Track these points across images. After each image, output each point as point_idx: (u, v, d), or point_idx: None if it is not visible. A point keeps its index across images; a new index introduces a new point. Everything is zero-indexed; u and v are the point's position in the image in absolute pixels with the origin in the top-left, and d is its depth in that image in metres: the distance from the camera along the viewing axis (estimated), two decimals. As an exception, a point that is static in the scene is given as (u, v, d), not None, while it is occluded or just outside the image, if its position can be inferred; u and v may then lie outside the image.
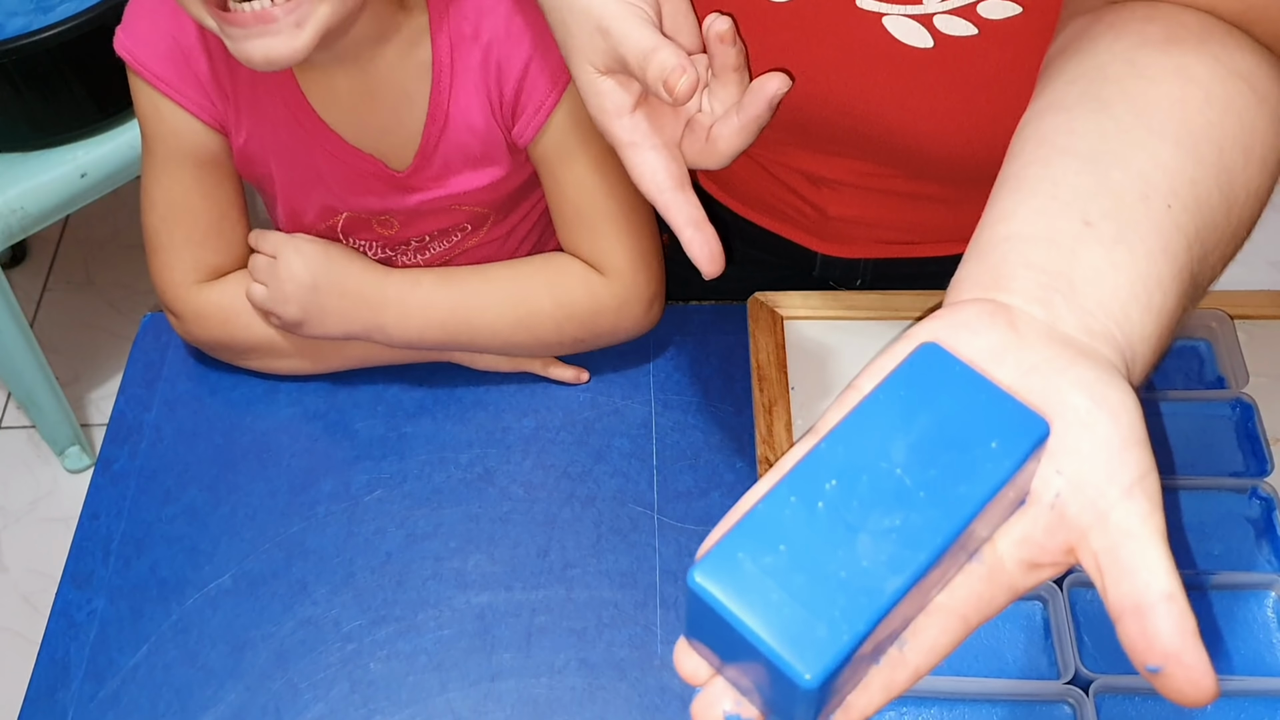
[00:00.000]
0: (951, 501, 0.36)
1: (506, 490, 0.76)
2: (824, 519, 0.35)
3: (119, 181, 1.42)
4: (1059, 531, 0.37)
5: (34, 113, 1.35)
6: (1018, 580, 0.38)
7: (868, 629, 0.34)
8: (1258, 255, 1.86)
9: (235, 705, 0.68)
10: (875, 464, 0.36)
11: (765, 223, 0.87)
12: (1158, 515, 0.37)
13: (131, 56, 0.75)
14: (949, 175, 0.74)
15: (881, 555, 0.35)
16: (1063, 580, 0.66)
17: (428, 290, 0.77)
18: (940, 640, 0.37)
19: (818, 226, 0.85)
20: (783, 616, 0.34)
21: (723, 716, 0.37)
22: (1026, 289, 0.41)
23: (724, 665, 0.37)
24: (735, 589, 0.34)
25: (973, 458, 0.36)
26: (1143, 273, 0.42)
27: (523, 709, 0.67)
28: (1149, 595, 0.35)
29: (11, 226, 1.36)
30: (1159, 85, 0.47)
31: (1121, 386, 0.38)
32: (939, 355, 0.38)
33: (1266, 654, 0.65)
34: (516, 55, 0.74)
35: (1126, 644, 0.36)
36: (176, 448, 0.79)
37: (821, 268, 0.88)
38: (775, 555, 0.35)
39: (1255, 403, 0.73)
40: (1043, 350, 0.39)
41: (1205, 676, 0.35)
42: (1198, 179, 0.45)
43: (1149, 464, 0.37)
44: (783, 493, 0.36)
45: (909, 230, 0.83)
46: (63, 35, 1.29)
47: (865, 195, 0.80)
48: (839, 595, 0.34)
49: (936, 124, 0.69)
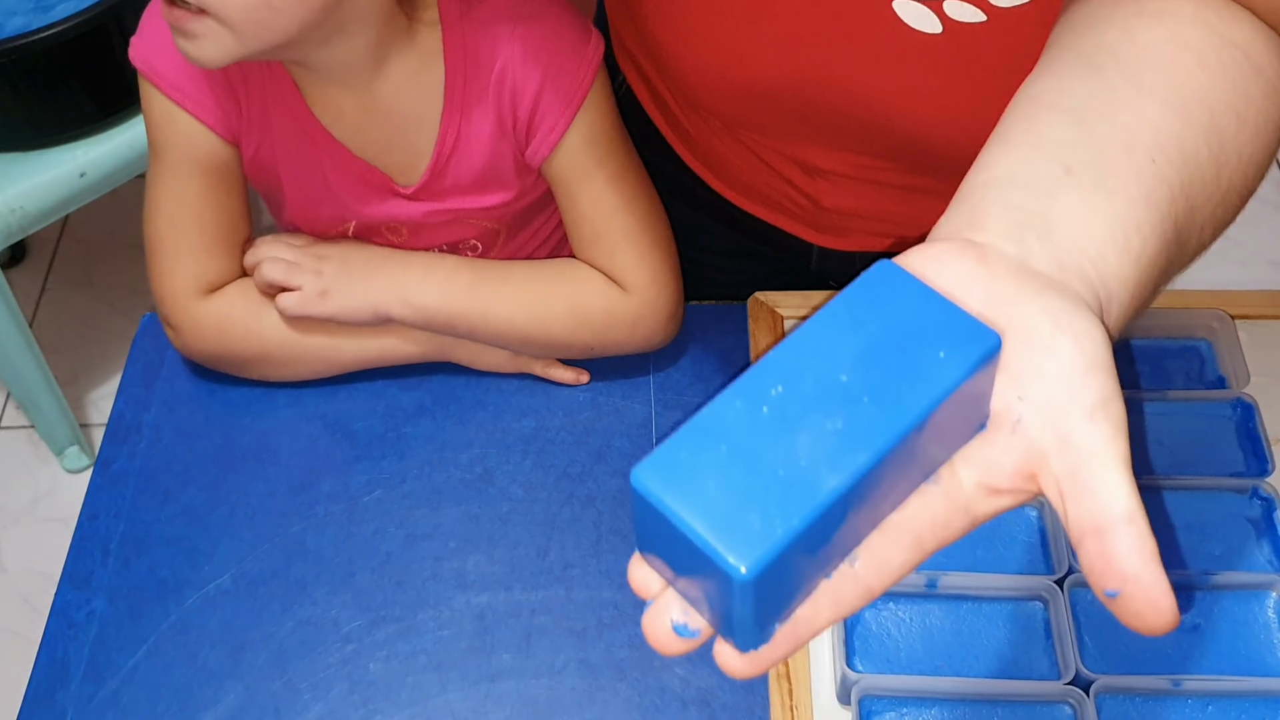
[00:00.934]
0: (896, 406, 0.35)
1: (506, 490, 0.76)
2: (767, 421, 0.35)
3: (118, 181, 1.42)
4: (1019, 454, 0.37)
5: (33, 112, 1.35)
6: (976, 505, 0.38)
7: (804, 525, 0.34)
8: (1258, 255, 1.86)
9: (235, 705, 0.68)
10: (821, 370, 0.36)
11: (761, 213, 0.87)
12: (1121, 439, 0.36)
13: (146, 65, 0.75)
14: (947, 166, 0.74)
15: (822, 455, 0.35)
16: (1063, 580, 0.66)
17: (451, 268, 0.77)
18: (894, 559, 0.37)
19: (813, 217, 0.85)
20: (720, 511, 0.34)
21: (669, 625, 0.37)
22: (1000, 227, 0.41)
23: (675, 578, 0.37)
24: (675, 486, 0.34)
25: (920, 365, 0.36)
26: (1121, 217, 0.42)
27: (523, 709, 0.67)
28: (1108, 515, 0.35)
29: (11, 226, 1.36)
30: (1152, 50, 0.47)
31: (1086, 315, 0.38)
32: (893, 271, 0.38)
33: (1266, 654, 0.65)
34: (531, 76, 0.74)
35: (1086, 567, 0.36)
36: (176, 448, 0.79)
37: (818, 261, 0.88)
38: (716, 454, 0.35)
39: (1256, 403, 0.73)
40: (1010, 282, 0.39)
41: (1163, 597, 0.35)
42: (1185, 136, 0.45)
43: (1113, 389, 0.37)
44: (729, 397, 0.36)
45: (905, 223, 0.83)
46: (62, 35, 1.29)
47: (860, 187, 0.80)
48: (777, 491, 0.34)
49: (940, 111, 0.69)
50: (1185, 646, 0.66)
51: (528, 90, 0.75)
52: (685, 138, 0.87)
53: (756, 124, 0.78)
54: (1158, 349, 0.78)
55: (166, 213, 0.77)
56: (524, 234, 0.86)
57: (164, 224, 0.77)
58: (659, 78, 0.84)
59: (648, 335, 0.79)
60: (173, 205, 0.77)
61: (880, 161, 0.76)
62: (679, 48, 0.74)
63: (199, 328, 0.78)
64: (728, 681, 0.68)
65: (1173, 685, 0.63)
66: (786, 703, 0.65)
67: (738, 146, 0.82)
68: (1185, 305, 0.78)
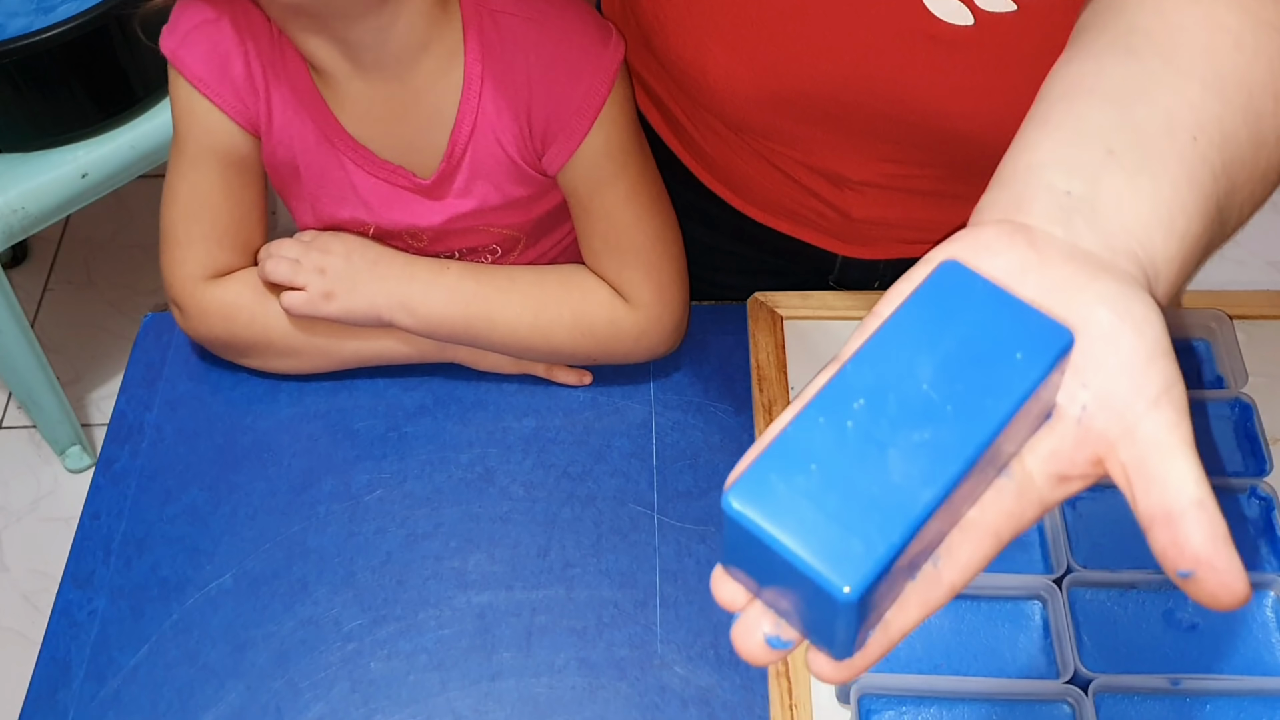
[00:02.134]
0: (978, 414, 0.36)
1: (506, 490, 0.76)
2: (853, 437, 0.36)
3: (120, 182, 1.42)
4: (1087, 444, 0.37)
5: (35, 113, 1.35)
6: (1047, 494, 0.38)
7: (902, 542, 0.34)
8: (1257, 255, 1.86)
9: (236, 705, 0.68)
10: (901, 381, 0.36)
11: (784, 227, 0.86)
12: (1185, 424, 0.37)
13: (174, 56, 0.76)
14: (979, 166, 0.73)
15: (912, 470, 0.35)
16: (1062, 580, 0.66)
17: (455, 276, 0.77)
18: (974, 556, 0.38)
19: (840, 229, 0.84)
20: (818, 534, 0.34)
21: (763, 639, 0.37)
22: (1047, 210, 0.41)
23: (761, 589, 0.37)
24: (770, 510, 0.35)
25: (998, 370, 0.36)
26: (1166, 198, 0.42)
27: (523, 709, 0.67)
28: (1179, 502, 0.36)
29: (12, 226, 1.36)
30: (1187, 32, 0.47)
31: (1144, 299, 0.38)
32: (960, 272, 0.39)
33: (1266, 654, 0.65)
34: (548, 79, 0.74)
35: (1157, 551, 0.36)
36: (177, 447, 0.79)
37: (840, 270, 0.88)
38: (807, 475, 0.35)
39: (1254, 402, 0.73)
40: (1063, 267, 0.39)
41: (1237, 579, 0.35)
42: (1224, 117, 0.45)
43: (1175, 375, 0.38)
44: (811, 414, 0.36)
45: (932, 230, 0.82)
46: (63, 36, 1.29)
47: (890, 196, 0.79)
48: (872, 510, 0.34)
49: (973, 105, 0.69)
50: (1184, 646, 0.66)
51: (545, 94, 0.74)
52: (702, 156, 0.86)
53: (786, 134, 0.77)
54: (1157, 349, 0.78)
55: (182, 201, 0.78)
56: (545, 242, 0.86)
57: (179, 212, 0.78)
58: (674, 98, 0.83)
59: (651, 348, 0.79)
60: (189, 194, 0.78)
61: (912, 168, 0.76)
62: (706, 63, 0.73)
63: (205, 313, 0.78)
64: (727, 680, 0.68)
65: (1171, 684, 0.63)
66: (786, 701, 0.65)
67: (760, 162, 0.81)
68: (1184, 305, 0.78)
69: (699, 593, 0.71)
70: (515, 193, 0.79)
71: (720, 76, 0.73)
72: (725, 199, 0.87)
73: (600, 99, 0.74)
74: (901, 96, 0.69)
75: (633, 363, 0.81)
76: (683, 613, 0.71)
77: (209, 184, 0.78)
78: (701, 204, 0.87)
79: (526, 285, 0.78)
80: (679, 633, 0.70)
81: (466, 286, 0.77)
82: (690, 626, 0.70)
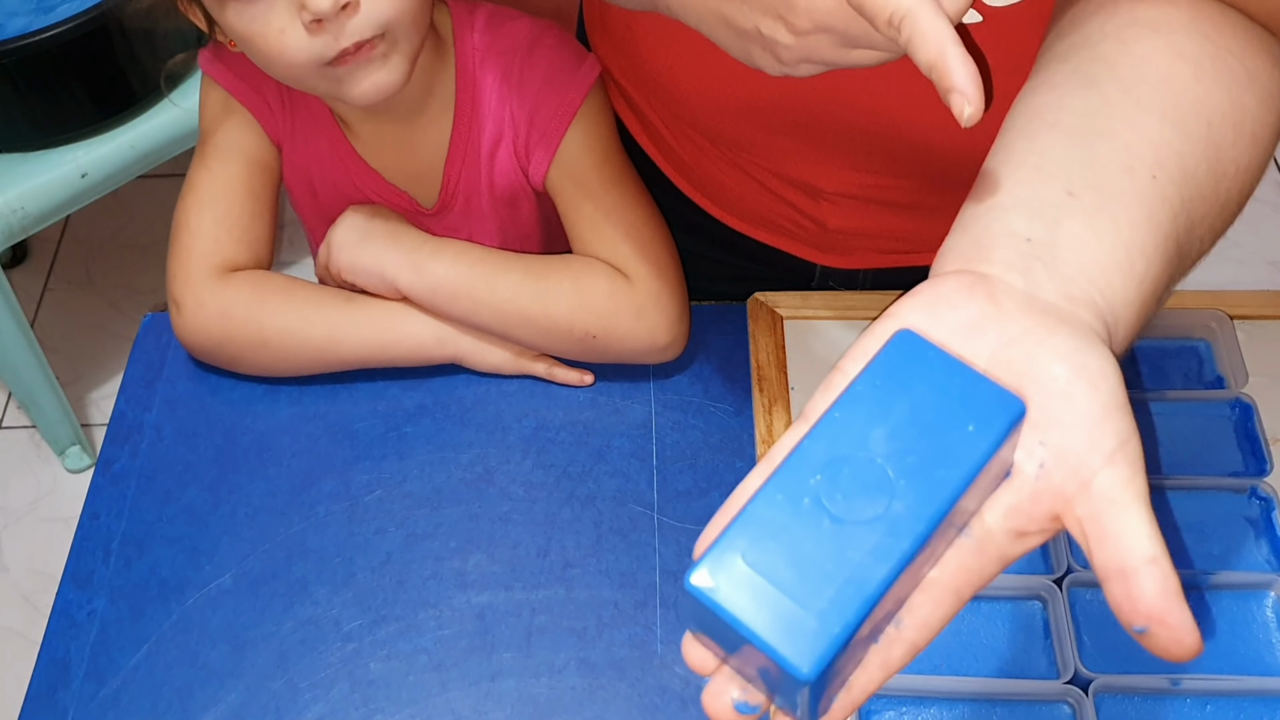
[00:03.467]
0: (932, 487, 0.37)
1: (506, 490, 0.76)
2: (810, 514, 0.37)
3: (119, 181, 1.42)
4: (1044, 500, 0.38)
5: (35, 113, 1.35)
6: (1006, 549, 0.39)
7: (858, 620, 0.35)
8: (1257, 255, 1.86)
9: (236, 705, 0.68)
10: (856, 455, 0.37)
11: (762, 236, 0.87)
12: (1139, 479, 0.37)
13: (211, 68, 0.80)
14: (950, 177, 0.74)
15: (867, 545, 0.36)
16: (1062, 580, 0.66)
17: (461, 244, 0.79)
18: (934, 615, 0.39)
19: (817, 239, 0.84)
20: (776, 613, 0.35)
21: (731, 704, 0.39)
22: (1007, 258, 0.41)
23: (729, 656, 0.38)
24: (730, 590, 0.36)
25: (951, 442, 0.37)
26: (1125, 240, 0.42)
27: (523, 709, 0.67)
28: (1132, 559, 0.36)
29: (12, 226, 1.36)
30: (1148, 62, 0.47)
31: (1101, 353, 0.39)
32: (914, 342, 0.39)
33: (1266, 654, 0.65)
34: (528, 101, 0.79)
35: (1113, 605, 0.37)
36: (177, 448, 0.79)
37: (820, 279, 0.88)
38: (766, 554, 0.36)
39: (1254, 403, 0.73)
40: (1022, 320, 0.39)
41: (1189, 635, 0.36)
42: (1184, 151, 0.45)
43: (1129, 430, 0.38)
44: (770, 492, 0.37)
45: (910, 240, 0.82)
46: (63, 35, 1.29)
47: (865, 207, 0.79)
48: (828, 588, 0.36)
49: (941, 116, 0.69)
50: (1184, 646, 0.66)
51: (526, 114, 0.80)
52: (680, 165, 0.86)
53: (758, 145, 0.78)
54: (1156, 349, 0.78)
55: (199, 193, 0.80)
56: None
57: (194, 203, 0.80)
58: (651, 106, 0.84)
59: (651, 329, 0.78)
60: (208, 185, 0.80)
61: (886, 179, 0.76)
62: (677, 71, 0.74)
63: (202, 308, 0.78)
64: (727, 681, 0.68)
65: (1171, 684, 0.63)
66: (786, 702, 0.65)
67: (737, 172, 0.82)
68: (1184, 305, 0.78)
69: (699, 593, 0.71)
70: (510, 216, 0.84)
71: (690, 86, 0.74)
72: (705, 208, 0.88)
73: (575, 104, 0.79)
74: (870, 106, 0.70)
75: (636, 350, 0.79)
76: (682, 612, 0.71)
77: (229, 174, 0.80)
78: (682, 212, 0.88)
79: (529, 259, 0.80)
80: (679, 633, 0.70)
81: (473, 252, 0.79)
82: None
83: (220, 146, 0.80)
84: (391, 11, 0.69)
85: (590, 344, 0.78)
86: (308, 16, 0.67)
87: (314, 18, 0.66)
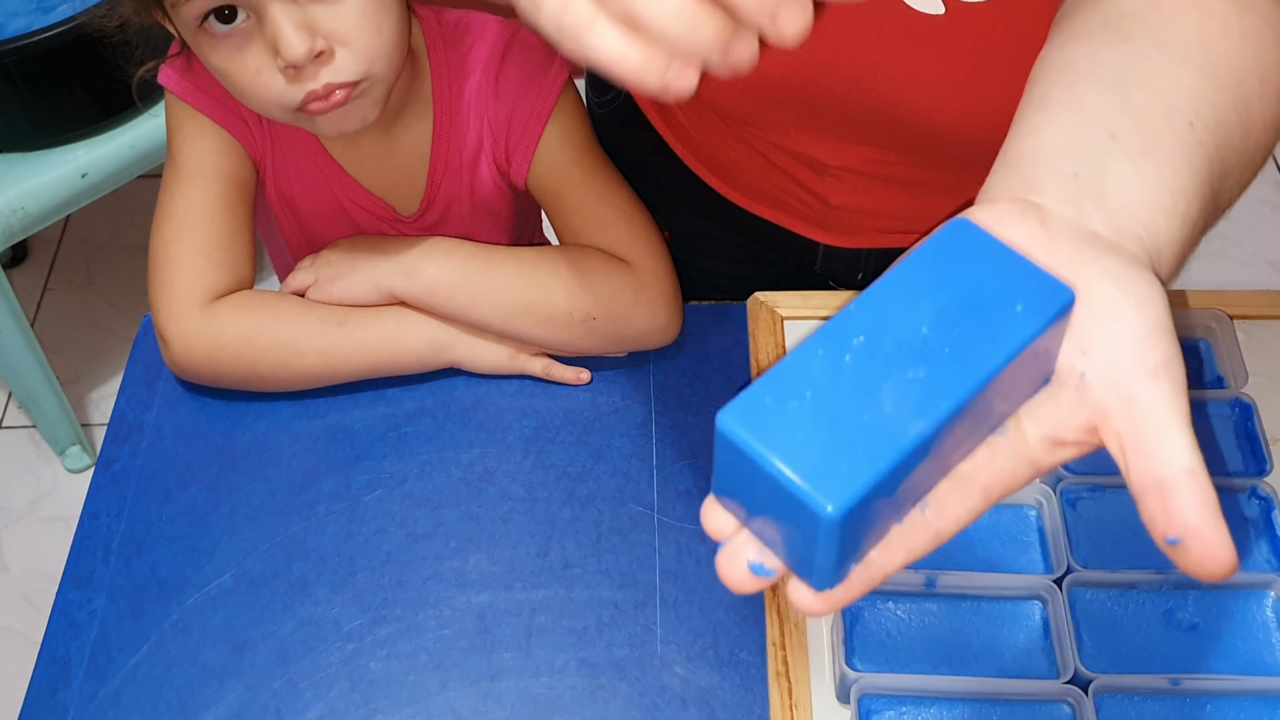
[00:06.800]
0: (974, 358, 0.36)
1: (506, 490, 0.76)
2: (850, 370, 0.36)
3: (120, 181, 1.42)
4: (1083, 411, 0.38)
5: (35, 113, 1.35)
6: (1040, 457, 0.39)
7: (888, 468, 0.35)
8: (1258, 255, 1.86)
9: (236, 705, 0.68)
10: (902, 323, 0.37)
11: (767, 214, 0.87)
12: (1181, 398, 0.37)
13: (178, 87, 0.79)
14: (954, 155, 0.74)
15: (904, 403, 0.36)
16: (1062, 580, 0.66)
17: (452, 242, 0.79)
18: (961, 506, 0.39)
19: (820, 216, 0.84)
20: (806, 454, 0.35)
21: (746, 566, 0.38)
22: (1057, 192, 0.42)
23: (750, 518, 0.38)
24: (761, 430, 0.36)
25: (997, 320, 0.37)
26: (1167, 183, 0.43)
27: (523, 709, 0.67)
28: (1170, 471, 0.36)
29: (12, 226, 1.36)
30: (1177, 18, 0.48)
31: (1148, 278, 0.39)
32: (969, 229, 0.39)
33: (1266, 654, 0.65)
34: (504, 108, 0.80)
35: (1147, 519, 0.37)
36: (177, 447, 0.79)
37: (824, 260, 0.88)
38: (801, 401, 0.36)
39: (1254, 402, 0.73)
40: (1071, 244, 0.40)
41: (1224, 549, 0.36)
42: (1217, 102, 0.46)
43: (1174, 351, 0.38)
44: (811, 347, 0.37)
45: (913, 220, 0.83)
46: (63, 35, 1.29)
47: (869, 183, 0.80)
48: (861, 437, 0.35)
49: (946, 96, 0.69)
50: (1184, 646, 0.66)
51: (501, 119, 0.80)
52: (689, 142, 0.87)
53: (764, 120, 0.78)
54: (1157, 349, 0.78)
55: (176, 219, 0.78)
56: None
57: (170, 231, 0.78)
58: None
59: (650, 304, 0.78)
60: (184, 209, 0.78)
61: (888, 155, 0.76)
62: None
63: (189, 347, 0.77)
64: (727, 680, 0.68)
65: (1171, 684, 0.63)
66: (786, 701, 0.65)
67: (743, 147, 0.82)
68: (1184, 305, 0.78)
69: (699, 593, 0.71)
70: (489, 219, 0.85)
71: None
72: (711, 184, 0.88)
73: (549, 106, 0.80)
74: (874, 85, 0.70)
75: (636, 329, 0.79)
76: (683, 613, 0.71)
77: (205, 198, 0.78)
78: (690, 189, 0.88)
79: (521, 250, 0.80)
80: (679, 633, 0.70)
81: (463, 249, 0.79)
82: (690, 626, 0.70)
83: (193, 169, 0.78)
84: (366, 60, 0.69)
85: (591, 327, 0.78)
86: (282, 63, 0.67)
87: (288, 64, 0.67)
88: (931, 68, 0.68)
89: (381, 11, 0.69)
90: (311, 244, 0.85)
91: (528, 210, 0.91)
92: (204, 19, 0.67)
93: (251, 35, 0.67)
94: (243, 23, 0.67)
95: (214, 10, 0.67)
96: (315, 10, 0.67)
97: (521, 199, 0.86)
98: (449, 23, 0.82)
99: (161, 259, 0.78)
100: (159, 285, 0.78)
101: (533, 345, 0.80)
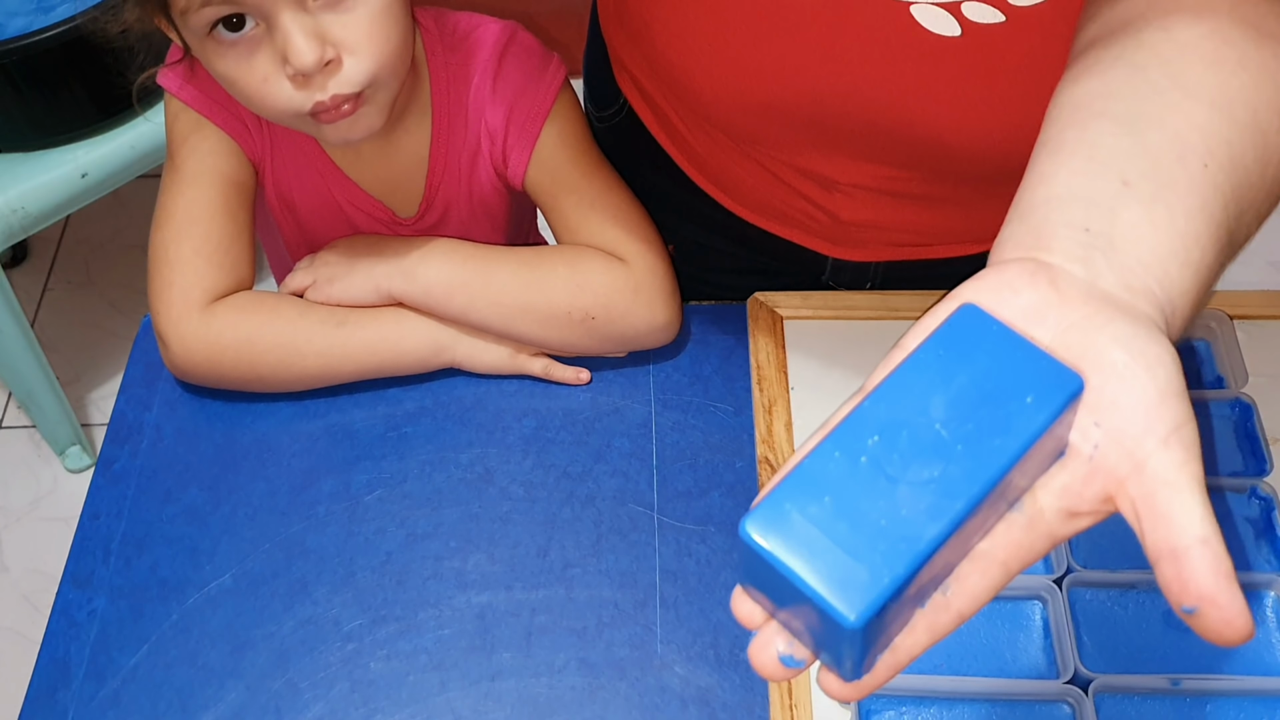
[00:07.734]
0: (988, 454, 0.37)
1: (506, 490, 0.76)
2: (866, 472, 0.37)
3: (120, 181, 1.42)
4: (1097, 480, 0.38)
5: (35, 113, 1.35)
6: (1057, 528, 0.39)
7: (907, 573, 0.36)
8: (1258, 255, 1.86)
9: (236, 705, 0.68)
10: (915, 419, 0.38)
11: (774, 228, 0.86)
12: (1194, 463, 0.37)
13: (179, 89, 0.79)
14: (967, 173, 0.74)
15: (921, 505, 0.37)
16: (1062, 580, 0.66)
17: (450, 242, 0.80)
18: (981, 585, 0.39)
19: (829, 231, 0.84)
20: (828, 562, 0.36)
21: (777, 657, 0.39)
22: (1067, 248, 0.42)
23: (776, 610, 0.39)
24: (783, 538, 0.37)
25: (1009, 412, 0.38)
26: (1181, 230, 0.43)
27: (523, 708, 0.67)
28: (1184, 539, 0.36)
29: (12, 226, 1.36)
30: (1193, 49, 0.48)
31: (1159, 340, 0.39)
32: (977, 316, 0.40)
33: (1266, 654, 0.65)
34: (500, 110, 0.80)
35: (1164, 586, 0.37)
36: (177, 447, 0.79)
37: (832, 272, 0.88)
38: (820, 506, 0.37)
39: (1254, 402, 0.73)
40: (1082, 307, 0.40)
41: (1239, 616, 0.36)
42: (1233, 139, 0.46)
43: (1186, 414, 0.38)
44: (828, 448, 0.38)
45: (922, 233, 0.82)
46: (63, 35, 1.29)
47: (879, 199, 0.79)
48: (880, 542, 0.36)
49: (960, 116, 0.69)
50: (1184, 646, 0.66)
51: (499, 121, 0.81)
52: (694, 157, 0.86)
53: (773, 139, 0.77)
54: (1157, 349, 0.78)
55: (176, 221, 0.78)
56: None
57: (171, 233, 0.78)
58: (665, 98, 0.83)
59: (650, 303, 0.78)
60: (184, 211, 0.78)
61: (900, 171, 0.76)
62: (691, 66, 0.74)
63: (189, 349, 0.77)
64: (727, 681, 0.68)
65: (1171, 684, 0.63)
66: (786, 702, 0.65)
67: (750, 164, 0.81)
68: (1184, 305, 0.78)
69: (699, 593, 0.71)
70: (487, 221, 0.85)
71: (706, 82, 0.74)
72: (718, 200, 0.87)
73: (546, 107, 0.81)
74: (887, 105, 0.70)
75: (635, 328, 0.79)
76: (683, 613, 0.71)
77: (206, 199, 0.78)
78: (694, 204, 0.88)
79: (519, 250, 0.80)
80: (679, 633, 0.70)
81: (461, 249, 0.79)
82: (690, 626, 0.70)
83: (193, 170, 0.79)
84: (374, 68, 0.69)
85: (590, 326, 0.78)
86: (291, 70, 0.67)
87: (297, 72, 0.67)
88: (946, 88, 0.67)
89: (390, 21, 0.69)
90: (311, 245, 0.85)
91: (524, 210, 0.91)
92: (213, 27, 0.67)
93: (259, 42, 0.67)
94: (251, 30, 0.67)
95: (223, 18, 0.67)
96: (326, 19, 0.67)
97: (518, 199, 0.86)
98: (448, 27, 0.82)
99: (161, 261, 0.78)
100: (159, 287, 0.78)
101: (532, 345, 0.80)
